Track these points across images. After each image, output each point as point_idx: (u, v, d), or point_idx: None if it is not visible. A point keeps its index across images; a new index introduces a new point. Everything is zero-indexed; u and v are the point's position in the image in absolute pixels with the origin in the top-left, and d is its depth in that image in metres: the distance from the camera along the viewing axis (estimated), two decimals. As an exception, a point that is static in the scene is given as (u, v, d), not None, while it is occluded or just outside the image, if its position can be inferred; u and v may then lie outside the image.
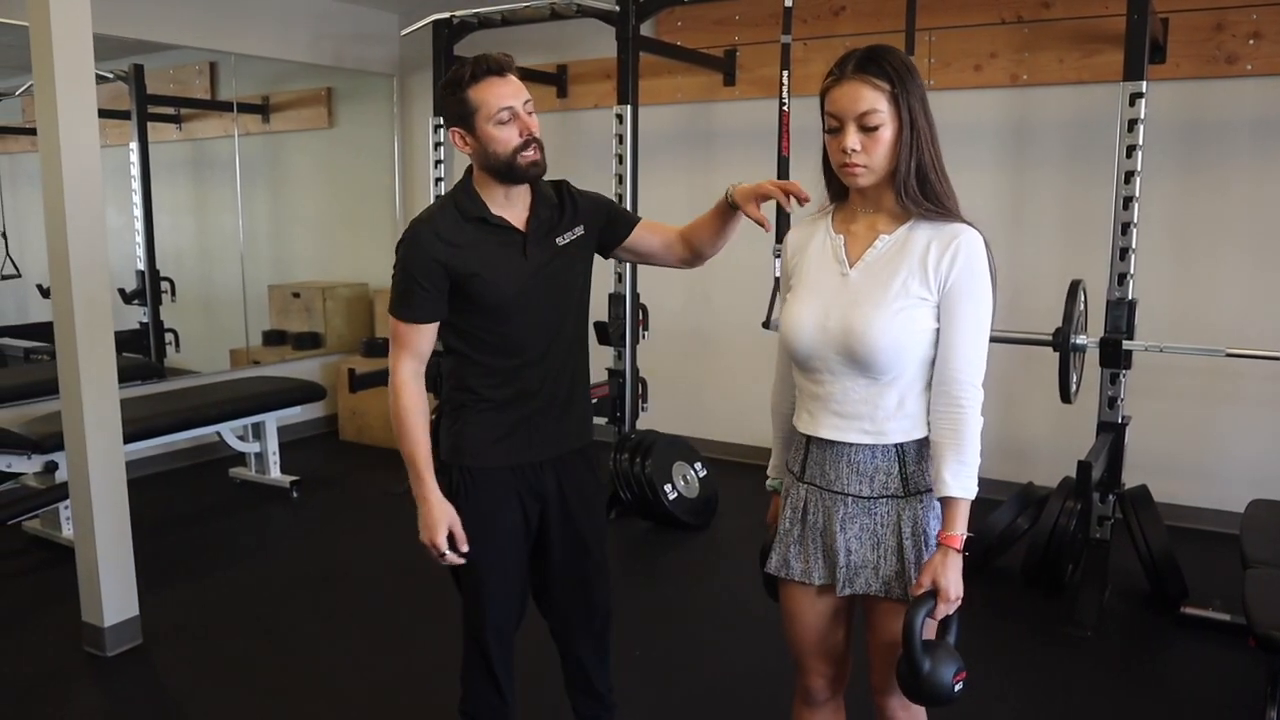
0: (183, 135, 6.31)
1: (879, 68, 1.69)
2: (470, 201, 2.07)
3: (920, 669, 1.65)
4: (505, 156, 2.00)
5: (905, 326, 1.72)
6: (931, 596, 1.69)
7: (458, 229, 2.05)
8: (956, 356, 1.73)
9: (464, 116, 2.00)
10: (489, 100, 1.98)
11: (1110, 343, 3.53)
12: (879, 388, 1.76)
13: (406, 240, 2.06)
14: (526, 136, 2.00)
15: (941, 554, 1.71)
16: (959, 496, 1.71)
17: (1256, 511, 3.21)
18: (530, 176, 2.05)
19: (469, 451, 2.12)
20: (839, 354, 1.75)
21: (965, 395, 1.72)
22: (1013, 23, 4.59)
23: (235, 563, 4.14)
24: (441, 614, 3.63)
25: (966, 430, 1.72)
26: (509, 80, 2.00)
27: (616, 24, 4.43)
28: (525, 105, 2.01)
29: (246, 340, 6.18)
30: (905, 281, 1.73)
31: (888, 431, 1.77)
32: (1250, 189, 4.23)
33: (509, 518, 2.14)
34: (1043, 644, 3.37)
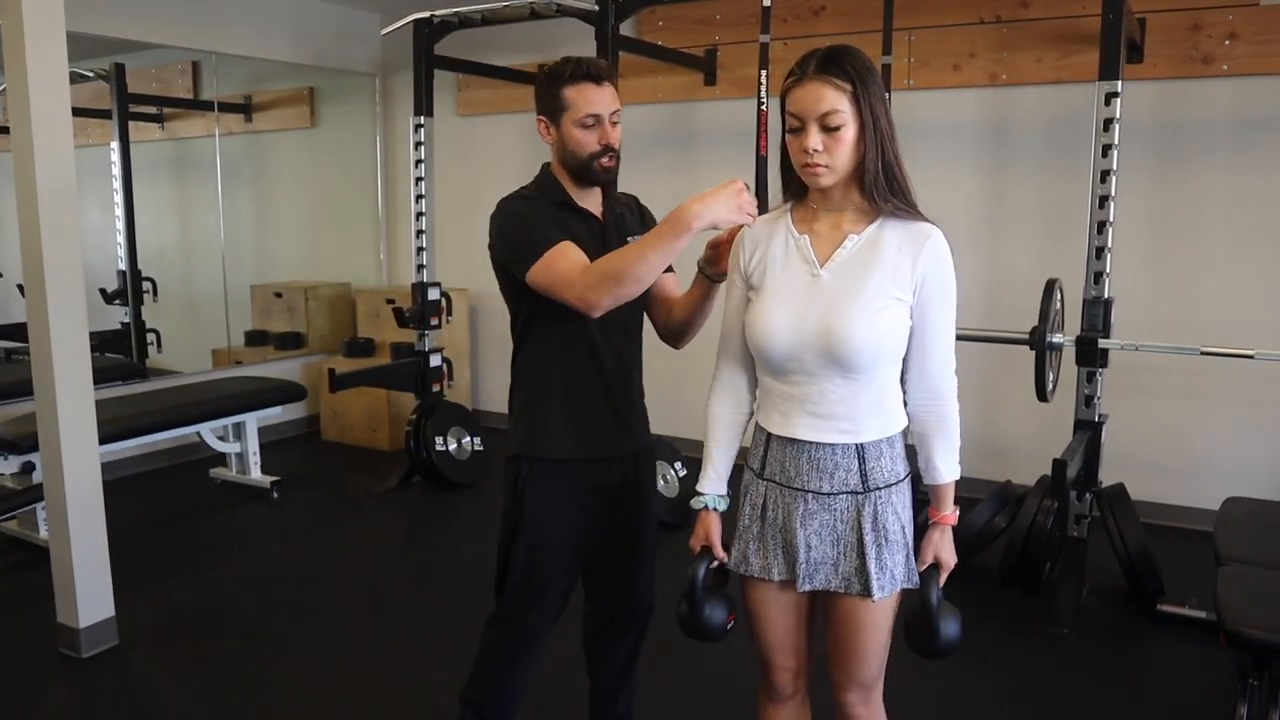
0: (165, 134, 6.28)
1: (840, 68, 1.70)
2: (554, 188, 2.15)
3: (939, 633, 1.85)
4: (581, 158, 2.08)
5: (885, 326, 1.74)
6: (935, 569, 1.88)
7: (547, 205, 2.12)
8: (935, 352, 1.80)
9: (553, 110, 2.09)
10: (579, 103, 2.05)
11: (1086, 341, 3.54)
12: (857, 387, 1.77)
13: (505, 209, 2.12)
14: (604, 145, 2.08)
15: (940, 532, 1.89)
16: (950, 480, 1.86)
17: (1231, 509, 3.23)
18: (601, 181, 2.14)
19: (539, 443, 2.17)
20: (817, 355, 1.76)
21: (945, 386, 1.81)
22: (991, 22, 4.60)
23: (214, 563, 4.12)
24: (424, 614, 3.64)
25: (950, 419, 1.83)
26: (604, 89, 2.07)
27: (596, 24, 4.42)
28: (612, 115, 2.08)
29: (228, 340, 6.15)
30: (880, 282, 1.75)
31: (865, 430, 1.79)
32: (1227, 189, 4.26)
33: (573, 511, 2.19)
34: (1020, 642, 3.39)
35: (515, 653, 2.26)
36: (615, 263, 1.94)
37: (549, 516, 2.18)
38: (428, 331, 5.20)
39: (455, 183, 6.23)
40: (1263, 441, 4.29)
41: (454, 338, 6.06)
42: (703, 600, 1.88)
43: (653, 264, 1.91)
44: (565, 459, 2.16)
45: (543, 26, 5.06)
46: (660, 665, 3.18)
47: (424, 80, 5.11)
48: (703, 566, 1.89)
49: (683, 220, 1.85)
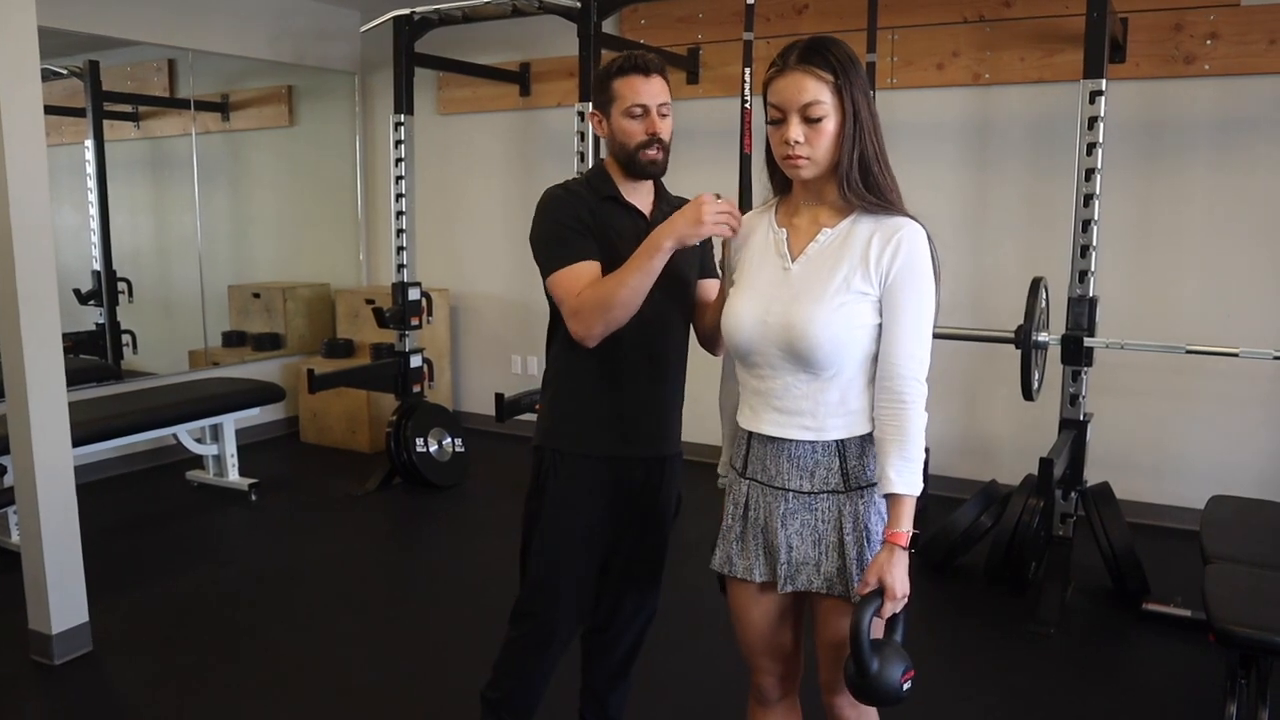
0: (141, 133, 6.19)
1: (822, 59, 1.68)
2: (603, 182, 2.15)
3: (868, 669, 1.61)
4: (629, 149, 2.10)
5: (846, 321, 1.70)
6: (878, 595, 1.65)
7: (592, 199, 2.12)
8: (899, 351, 1.71)
9: (604, 103, 2.12)
10: (626, 94, 2.08)
11: (1072, 340, 3.54)
12: (820, 383, 1.74)
13: (543, 203, 2.14)
14: (650, 135, 2.09)
15: (887, 551, 1.67)
16: (903, 493, 1.67)
17: (1216, 507, 3.22)
18: (648, 174, 2.14)
19: (564, 435, 2.17)
20: (780, 349, 1.74)
21: (908, 390, 1.69)
22: (974, 22, 4.60)
23: (191, 567, 4.05)
24: (406, 618, 3.59)
25: (910, 426, 1.68)
26: (652, 80, 2.09)
27: (578, 21, 4.39)
28: (660, 107, 2.09)
29: (205, 341, 6.07)
30: (846, 276, 1.71)
31: (829, 428, 1.76)
32: (1208, 188, 4.27)
33: (593, 506, 2.18)
34: (1006, 642, 3.37)
35: (537, 650, 2.25)
36: (601, 291, 1.98)
37: (569, 509, 2.17)
38: (408, 332, 5.15)
39: (436, 182, 6.18)
40: (1246, 439, 4.30)
41: (435, 338, 6.01)
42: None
43: (634, 288, 1.95)
44: (588, 454, 2.16)
45: (524, 24, 5.03)
46: (651, 668, 3.15)
47: (404, 78, 5.05)
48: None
49: (653, 242, 1.93)
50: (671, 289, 2.10)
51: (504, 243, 6.10)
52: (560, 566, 2.20)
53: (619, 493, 2.19)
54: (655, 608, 2.38)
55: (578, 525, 2.18)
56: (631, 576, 2.30)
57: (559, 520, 2.18)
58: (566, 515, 2.17)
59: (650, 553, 2.30)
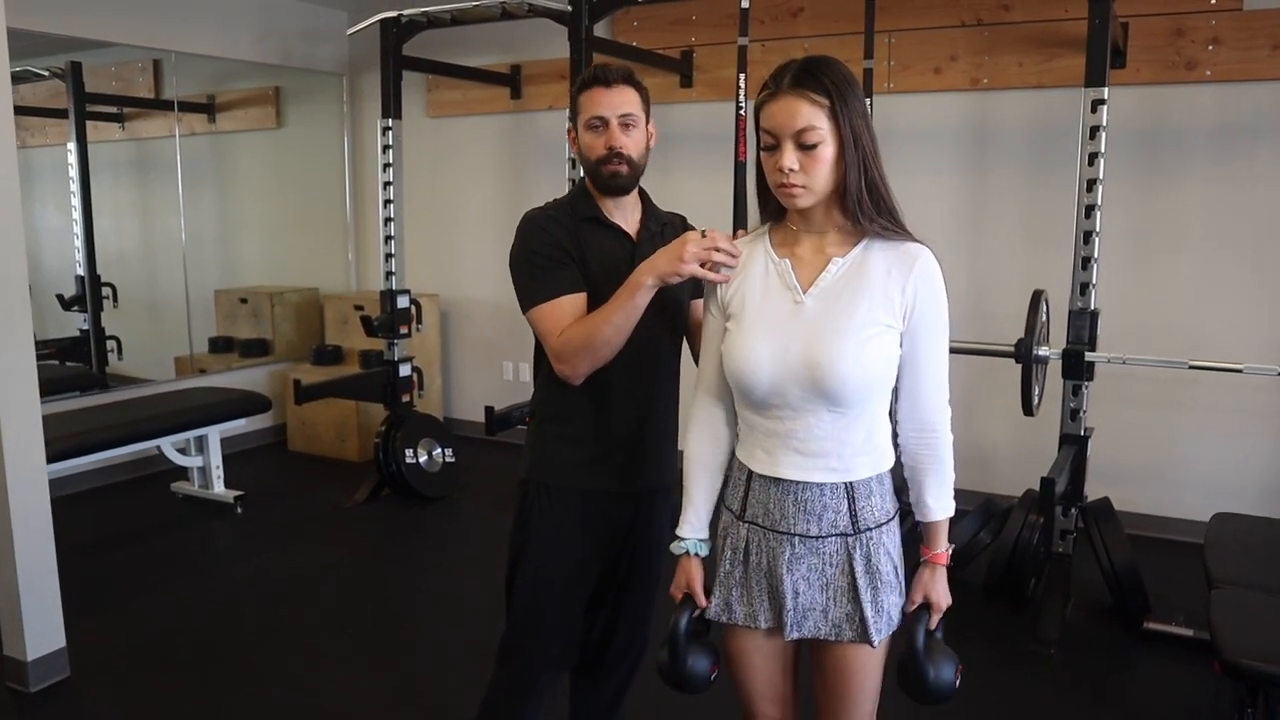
0: (126, 135, 6.09)
1: (817, 82, 1.59)
2: (584, 202, 2.08)
3: (927, 677, 1.73)
4: (590, 162, 2.03)
5: (875, 355, 1.63)
6: (925, 610, 1.75)
7: (571, 222, 2.04)
8: (928, 381, 1.69)
9: (572, 116, 2.07)
10: (587, 106, 2.02)
11: (1073, 354, 3.47)
12: (845, 422, 1.66)
13: (522, 230, 2.06)
14: (609, 149, 2.00)
15: (930, 570, 1.76)
16: (942, 519, 1.76)
17: (1220, 526, 3.16)
18: (612, 189, 2.04)
19: (550, 469, 2.10)
20: (803, 389, 1.64)
21: (939, 418, 1.71)
22: (972, 25, 4.52)
23: (174, 585, 3.96)
24: (396, 635, 3.51)
25: (943, 452, 1.73)
26: (614, 91, 2.00)
27: (569, 25, 4.31)
28: (621, 118, 2.00)
29: (190, 348, 5.98)
30: (870, 309, 1.64)
31: (855, 468, 1.69)
32: (1209, 197, 4.20)
33: (579, 541, 2.10)
34: (1005, 661, 3.31)
35: (522, 692, 2.17)
36: (584, 331, 1.92)
37: (555, 545, 2.10)
38: (397, 340, 5.06)
39: (425, 186, 6.10)
40: (1247, 451, 4.24)
41: (425, 345, 5.93)
42: (685, 650, 1.78)
43: (618, 326, 1.89)
44: (574, 488, 2.09)
45: (515, 27, 4.94)
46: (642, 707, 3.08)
47: (392, 81, 4.96)
48: (685, 616, 1.79)
49: (635, 280, 1.86)
50: (661, 314, 2.01)
51: (495, 247, 6.00)
52: (546, 605, 2.12)
53: (608, 528, 2.12)
54: (646, 643, 2.30)
55: (564, 562, 2.10)
56: (621, 611, 2.23)
57: (544, 557, 2.10)
58: (552, 551, 2.10)
59: (641, 587, 2.23)
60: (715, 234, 1.79)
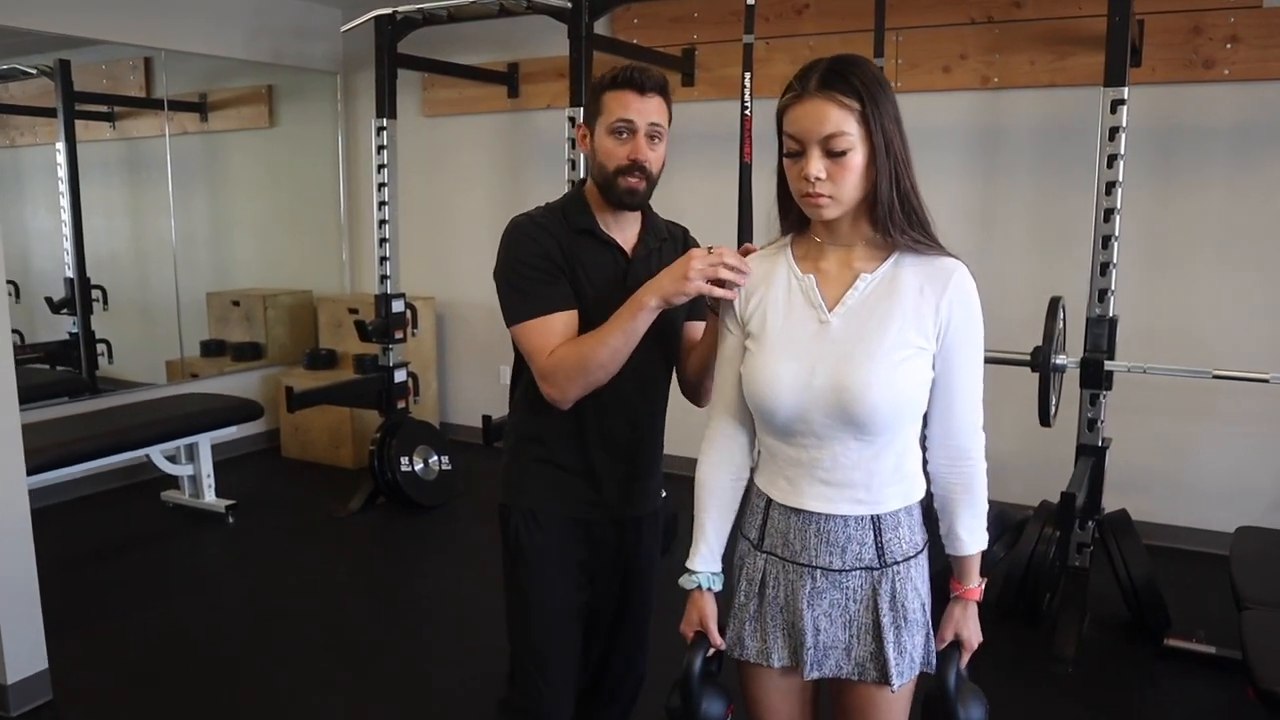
0: (116, 134, 5.98)
1: (846, 83, 1.46)
2: (579, 212, 1.93)
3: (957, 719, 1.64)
4: (608, 171, 1.88)
5: (907, 380, 1.52)
6: (956, 648, 1.66)
7: (563, 232, 1.90)
8: (961, 406, 1.59)
9: (591, 115, 1.92)
10: (613, 108, 1.86)
11: (1092, 363, 3.35)
12: (874, 450, 1.55)
13: (509, 238, 1.92)
14: (632, 160, 1.85)
15: (961, 607, 1.67)
16: (975, 552, 1.66)
17: (1246, 541, 3.06)
18: (625, 204, 1.90)
19: (532, 494, 1.98)
20: (829, 415, 1.53)
21: (973, 444, 1.61)
22: (983, 23, 4.41)
23: (163, 600, 3.84)
24: (394, 650, 3.39)
25: (977, 481, 1.63)
26: (647, 99, 1.86)
27: (569, 22, 4.19)
28: (650, 128, 1.86)
29: (181, 351, 5.85)
30: (901, 329, 1.52)
31: (885, 499, 1.57)
32: (1227, 199, 4.09)
33: (571, 568, 2.00)
34: (1022, 680, 3.20)
35: None
36: (578, 353, 1.80)
37: (548, 570, 1.98)
38: (392, 346, 4.94)
39: (421, 186, 5.97)
40: (1265, 460, 4.13)
41: (420, 348, 5.80)
42: (699, 693, 1.66)
43: (615, 349, 1.77)
44: (560, 514, 1.97)
45: (513, 24, 4.83)
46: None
47: (387, 80, 4.84)
48: (699, 656, 1.67)
49: (637, 300, 1.75)
50: (657, 336, 1.87)
51: (491, 249, 5.69)
52: (547, 637, 2.00)
53: (597, 556, 2.02)
54: (644, 670, 2.18)
55: (561, 588, 1.99)
56: (616, 642, 2.11)
57: (540, 583, 1.98)
58: (547, 577, 1.98)
59: (632, 616, 2.11)
60: (722, 250, 1.68)
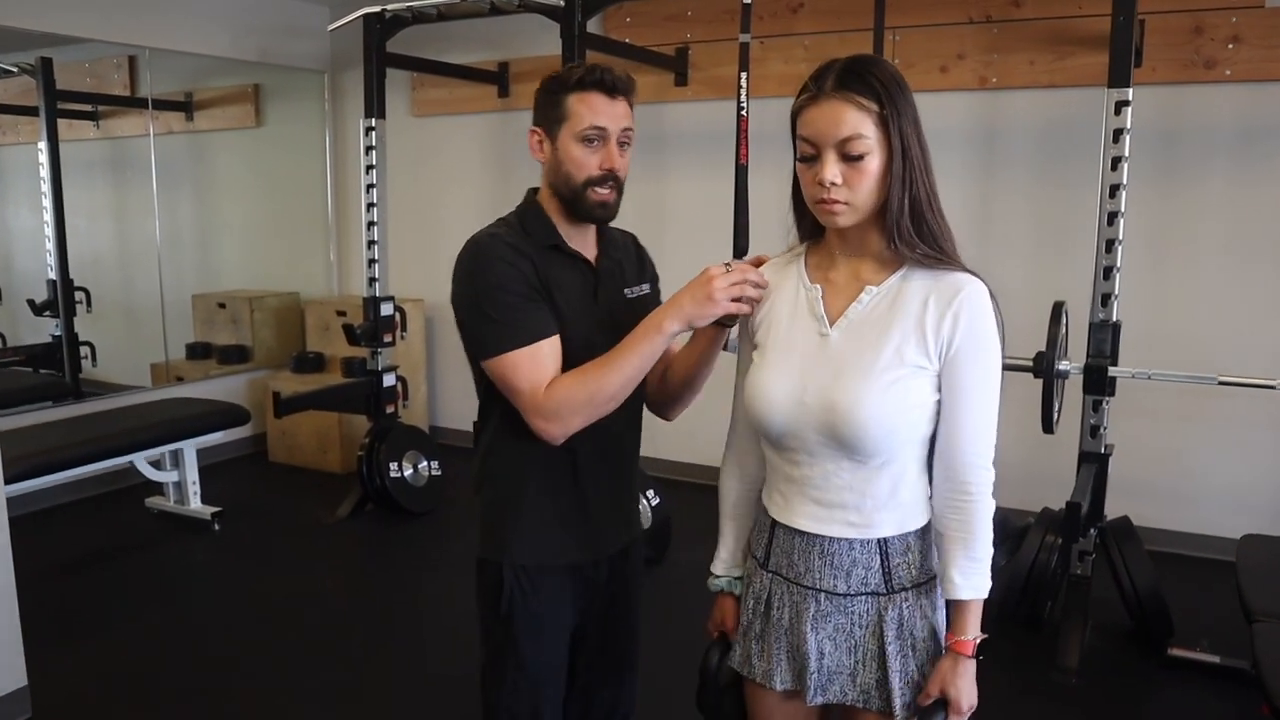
0: (100, 133, 5.89)
1: (864, 83, 1.40)
2: (541, 225, 1.77)
3: None
4: (575, 183, 1.72)
5: (899, 401, 1.44)
6: (941, 707, 1.47)
7: (532, 250, 1.73)
8: (963, 434, 1.46)
9: (551, 120, 1.73)
10: (583, 113, 1.70)
11: (1095, 369, 3.30)
12: (868, 472, 1.48)
13: (476, 259, 1.71)
14: (605, 170, 1.72)
15: (951, 660, 1.48)
16: (970, 598, 1.46)
17: (1251, 550, 3.00)
18: (594, 217, 1.76)
19: (523, 548, 1.80)
20: (820, 433, 1.47)
21: (974, 479, 1.46)
22: (981, 22, 4.35)
23: (147, 611, 3.75)
24: (384, 661, 3.31)
25: (977, 520, 1.46)
26: (617, 102, 1.72)
27: (561, 20, 4.11)
28: (622, 134, 1.73)
29: (166, 354, 5.76)
30: (899, 346, 1.45)
31: (877, 524, 1.50)
32: (1228, 201, 4.04)
33: (564, 623, 1.85)
34: (1024, 690, 3.16)
35: None
36: (587, 384, 1.64)
37: (543, 634, 1.82)
38: (380, 349, 4.86)
39: (411, 186, 5.89)
40: (1268, 465, 4.09)
41: (409, 351, 5.72)
42: (717, 695, 1.66)
43: (630, 377, 1.64)
44: (559, 566, 1.82)
45: (502, 23, 4.75)
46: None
47: (375, 80, 4.76)
48: (716, 655, 1.67)
49: (654, 324, 1.62)
50: None
51: None
52: (538, 701, 1.85)
53: (589, 597, 1.88)
54: (631, 711, 2.04)
55: (554, 649, 1.85)
56: (607, 682, 1.98)
57: (533, 651, 1.82)
58: (542, 642, 1.82)
59: (626, 653, 1.99)
60: (743, 266, 1.59)
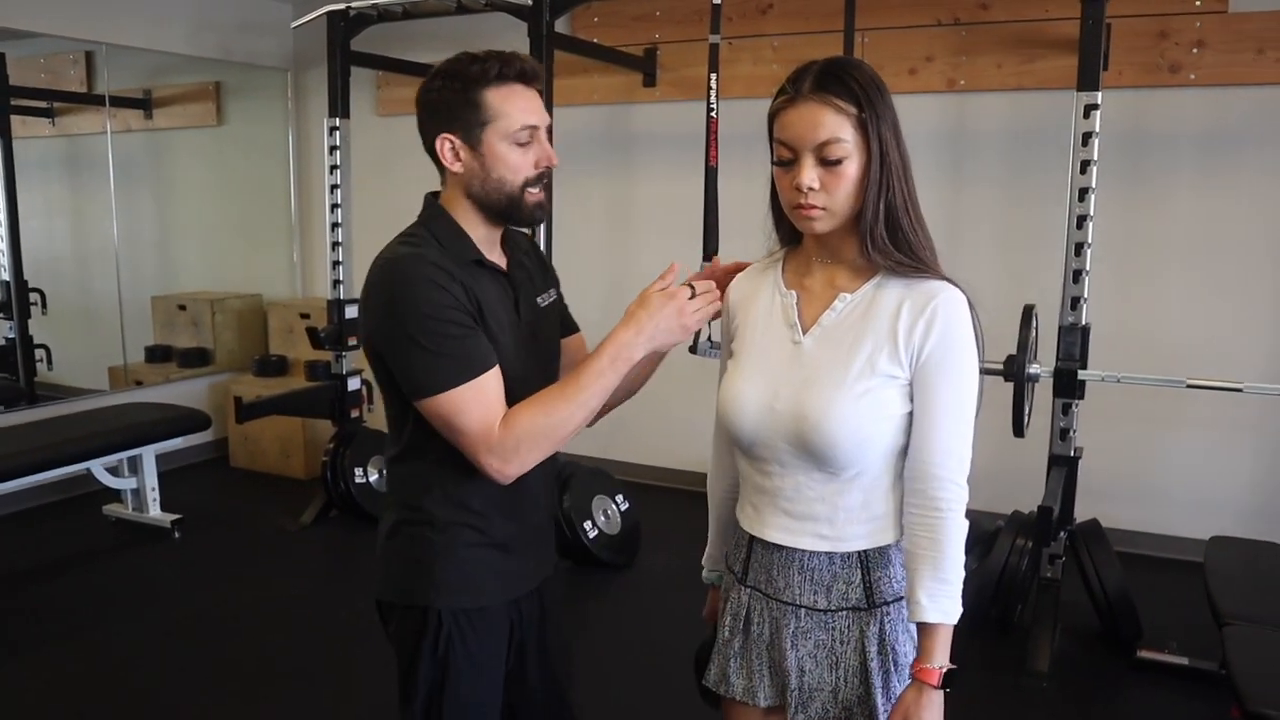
0: (57, 130, 5.75)
1: (843, 86, 1.38)
2: (458, 240, 1.59)
3: None
4: (511, 189, 1.57)
5: (871, 412, 1.41)
6: None
7: (457, 269, 1.56)
8: (934, 447, 1.41)
9: (469, 123, 1.54)
10: (510, 111, 1.54)
11: (1065, 373, 3.30)
12: (839, 484, 1.45)
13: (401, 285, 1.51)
14: (544, 168, 1.59)
15: (915, 690, 1.40)
16: (937, 622, 1.39)
17: (1220, 552, 3.02)
18: (533, 220, 1.64)
19: (465, 590, 1.63)
20: (790, 443, 1.44)
21: (944, 494, 1.41)
22: (949, 25, 4.35)
23: (104, 622, 3.65)
24: (351, 673, 3.25)
25: (946, 539, 1.41)
26: (536, 92, 1.59)
27: (529, 20, 4.07)
28: (548, 124, 1.61)
29: (124, 357, 5.64)
30: (871, 355, 1.42)
31: (848, 536, 1.47)
32: (1193, 204, 4.07)
33: (502, 661, 1.71)
34: (995, 694, 3.15)
35: None
36: (550, 417, 1.52)
37: (483, 674, 1.67)
38: (345, 352, 4.78)
39: (376, 187, 5.78)
40: (1233, 464, 4.13)
41: (375, 354, 5.64)
42: None
43: (593, 409, 1.55)
44: (499, 604, 1.67)
45: (469, 21, 4.68)
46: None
47: (339, 78, 4.68)
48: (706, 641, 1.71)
49: (622, 355, 1.54)
50: (545, 368, 1.70)
51: None
52: None
53: (521, 629, 1.74)
54: None
55: (495, 684, 1.70)
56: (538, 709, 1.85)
57: (477, 686, 1.67)
58: (484, 678, 1.67)
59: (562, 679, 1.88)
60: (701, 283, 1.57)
